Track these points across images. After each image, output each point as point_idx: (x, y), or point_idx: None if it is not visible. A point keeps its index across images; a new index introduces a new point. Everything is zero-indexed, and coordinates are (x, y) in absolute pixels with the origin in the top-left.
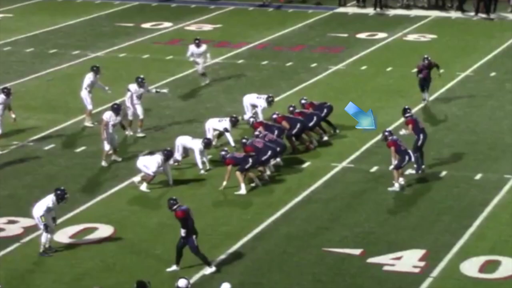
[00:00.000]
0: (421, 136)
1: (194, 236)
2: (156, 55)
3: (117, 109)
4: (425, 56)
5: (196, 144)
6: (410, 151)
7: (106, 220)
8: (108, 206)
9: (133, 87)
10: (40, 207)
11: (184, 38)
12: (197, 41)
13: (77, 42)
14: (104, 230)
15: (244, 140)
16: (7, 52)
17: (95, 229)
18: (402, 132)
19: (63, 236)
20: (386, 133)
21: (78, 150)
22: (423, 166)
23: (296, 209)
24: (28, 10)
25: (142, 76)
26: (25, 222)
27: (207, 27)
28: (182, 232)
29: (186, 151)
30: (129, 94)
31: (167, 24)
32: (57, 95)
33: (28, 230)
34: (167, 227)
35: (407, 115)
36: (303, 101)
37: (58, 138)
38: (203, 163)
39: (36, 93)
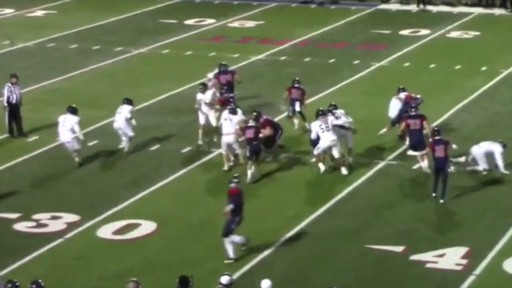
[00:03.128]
0: (433, 164)
1: (237, 218)
2: (199, 52)
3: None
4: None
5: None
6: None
7: (149, 216)
8: (151, 202)
9: (199, 95)
10: None
11: (227, 35)
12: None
13: (121, 38)
14: (147, 226)
15: None
16: (51, 48)
17: (138, 225)
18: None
19: (106, 232)
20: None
21: (121, 146)
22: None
23: (338, 205)
24: (71, 6)
25: (203, 83)
26: (68, 217)
27: (250, 23)
28: (229, 208)
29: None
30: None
31: (210, 20)
32: (100, 91)
33: (71, 225)
34: (209, 224)
35: (437, 137)
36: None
37: (101, 134)
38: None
39: (80, 90)
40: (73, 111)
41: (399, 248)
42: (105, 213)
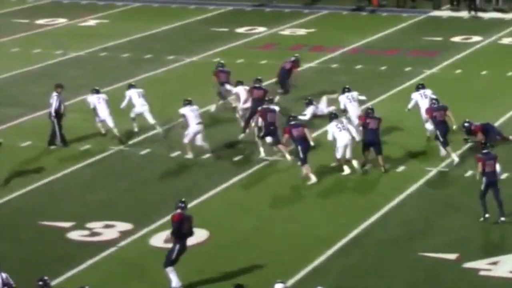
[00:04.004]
0: (484, 180)
1: (177, 247)
2: (251, 60)
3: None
4: None
5: None
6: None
7: (201, 224)
8: (203, 210)
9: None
10: None
11: (278, 42)
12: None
13: (172, 47)
14: (199, 234)
15: None
16: (103, 57)
17: None
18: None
19: (158, 240)
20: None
21: (173, 155)
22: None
23: (390, 213)
24: (123, 16)
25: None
26: (121, 226)
27: (301, 31)
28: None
29: None
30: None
31: (261, 28)
32: (152, 100)
33: (125, 234)
34: (262, 232)
35: (484, 151)
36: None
37: (153, 143)
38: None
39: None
40: (97, 91)
41: (453, 256)
42: (158, 222)
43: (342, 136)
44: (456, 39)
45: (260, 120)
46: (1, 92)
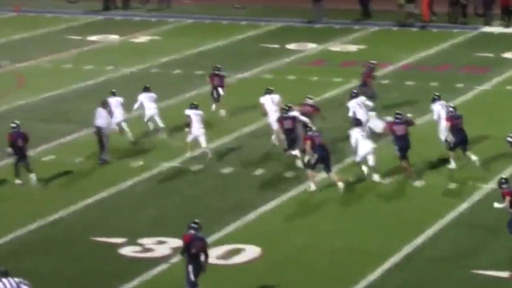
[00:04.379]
0: None
1: (190, 267)
2: (301, 76)
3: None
4: None
5: None
6: None
7: (253, 241)
8: (255, 226)
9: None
10: None
11: (328, 59)
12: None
13: (224, 63)
14: (251, 251)
15: None
16: (155, 74)
17: (242, 249)
18: (497, 205)
19: (210, 257)
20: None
21: (225, 171)
22: None
23: (442, 230)
24: (175, 32)
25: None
26: (173, 242)
27: (352, 47)
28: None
29: None
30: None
31: (312, 45)
32: (205, 115)
33: (177, 250)
34: (314, 248)
35: (504, 186)
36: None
37: (206, 159)
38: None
39: (183, 114)
40: (114, 94)
41: (505, 274)
42: (209, 238)
43: (364, 143)
44: (508, 55)
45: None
46: (52, 108)
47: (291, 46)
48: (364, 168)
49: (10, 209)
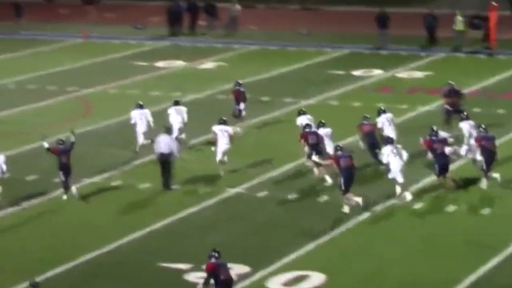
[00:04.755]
0: None
1: None
2: (367, 103)
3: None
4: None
5: None
6: None
7: (318, 268)
8: (320, 253)
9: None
10: None
11: (395, 85)
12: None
13: (289, 89)
14: (316, 278)
15: None
16: (222, 100)
17: (307, 276)
18: None
19: (276, 283)
20: None
21: (290, 196)
22: None
23: (510, 257)
24: (241, 58)
25: None
26: (239, 268)
27: (418, 74)
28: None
29: None
30: None
31: (378, 71)
32: (270, 141)
33: (242, 276)
34: (379, 275)
35: None
36: None
37: (271, 183)
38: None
39: (248, 140)
40: (141, 106)
41: None
42: (275, 264)
43: (395, 160)
44: None
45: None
46: (119, 134)
47: (357, 72)
48: (398, 188)
49: (80, 233)
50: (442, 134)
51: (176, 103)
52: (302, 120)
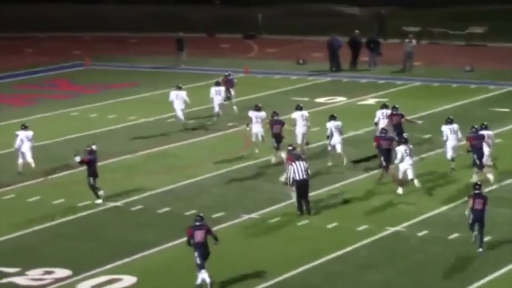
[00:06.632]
0: None
1: (196, 253)
2: None
3: None
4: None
5: None
6: None
7: None
8: None
9: None
10: None
11: None
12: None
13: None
14: None
15: None
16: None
17: None
18: None
19: None
20: None
21: (452, 236)
22: None
23: None
24: (402, 94)
25: None
26: None
27: None
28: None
29: None
30: None
31: None
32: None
33: None
34: None
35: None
36: None
37: (430, 224)
38: None
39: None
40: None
41: None
42: None
43: (406, 160)
44: None
45: None
46: (277, 169)
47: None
48: (400, 190)
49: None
50: None
51: (178, 88)
52: (296, 115)
